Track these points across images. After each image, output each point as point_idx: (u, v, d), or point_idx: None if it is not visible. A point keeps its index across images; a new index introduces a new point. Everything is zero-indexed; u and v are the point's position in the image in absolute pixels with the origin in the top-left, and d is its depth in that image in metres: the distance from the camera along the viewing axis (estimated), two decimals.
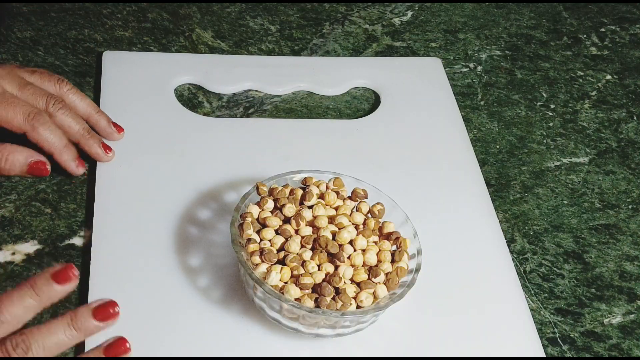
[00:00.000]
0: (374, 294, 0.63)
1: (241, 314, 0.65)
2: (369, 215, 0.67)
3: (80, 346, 0.63)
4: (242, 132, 0.81)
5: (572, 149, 0.86)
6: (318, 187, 0.68)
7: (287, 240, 0.64)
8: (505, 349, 0.66)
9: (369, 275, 0.63)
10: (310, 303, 0.61)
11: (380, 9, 1.00)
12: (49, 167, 0.73)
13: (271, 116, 0.84)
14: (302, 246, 0.64)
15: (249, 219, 0.65)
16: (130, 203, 0.72)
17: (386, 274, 0.64)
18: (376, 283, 0.63)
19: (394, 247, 0.66)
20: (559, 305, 0.72)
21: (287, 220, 0.65)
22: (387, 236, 0.66)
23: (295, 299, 0.61)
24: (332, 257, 0.64)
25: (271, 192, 0.67)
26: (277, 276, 0.62)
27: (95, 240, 0.69)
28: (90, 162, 0.76)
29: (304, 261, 0.63)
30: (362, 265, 0.64)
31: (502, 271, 0.72)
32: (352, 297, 0.62)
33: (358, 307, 0.62)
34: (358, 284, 0.63)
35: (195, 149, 0.78)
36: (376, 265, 0.64)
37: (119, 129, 0.78)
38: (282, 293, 0.61)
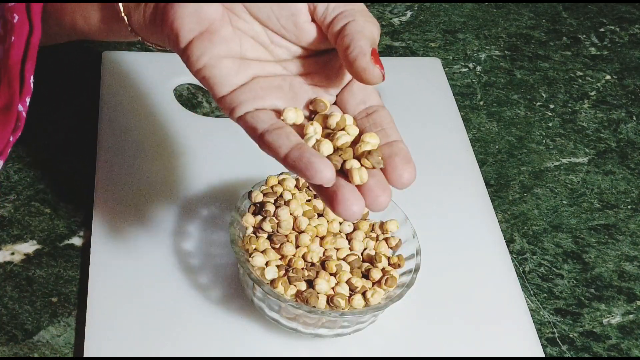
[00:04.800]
0: (369, 297, 0.62)
1: (240, 314, 0.65)
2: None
3: (80, 347, 0.63)
4: (242, 132, 0.80)
5: (571, 149, 0.86)
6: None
7: (282, 244, 0.64)
8: (504, 349, 0.66)
9: (366, 276, 0.64)
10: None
11: (379, 9, 1.00)
12: None
13: None
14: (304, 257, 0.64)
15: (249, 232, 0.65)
16: (130, 203, 0.72)
17: (378, 281, 0.64)
18: (368, 288, 0.63)
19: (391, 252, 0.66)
20: (558, 305, 0.72)
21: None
22: (387, 239, 0.66)
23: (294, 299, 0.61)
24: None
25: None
26: (275, 271, 0.62)
27: (94, 240, 0.69)
28: (89, 161, 0.76)
29: (305, 264, 0.63)
30: (362, 262, 0.64)
31: (501, 271, 0.72)
32: (347, 296, 0.62)
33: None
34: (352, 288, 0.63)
35: (195, 149, 0.78)
36: (371, 268, 0.64)
37: None
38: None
